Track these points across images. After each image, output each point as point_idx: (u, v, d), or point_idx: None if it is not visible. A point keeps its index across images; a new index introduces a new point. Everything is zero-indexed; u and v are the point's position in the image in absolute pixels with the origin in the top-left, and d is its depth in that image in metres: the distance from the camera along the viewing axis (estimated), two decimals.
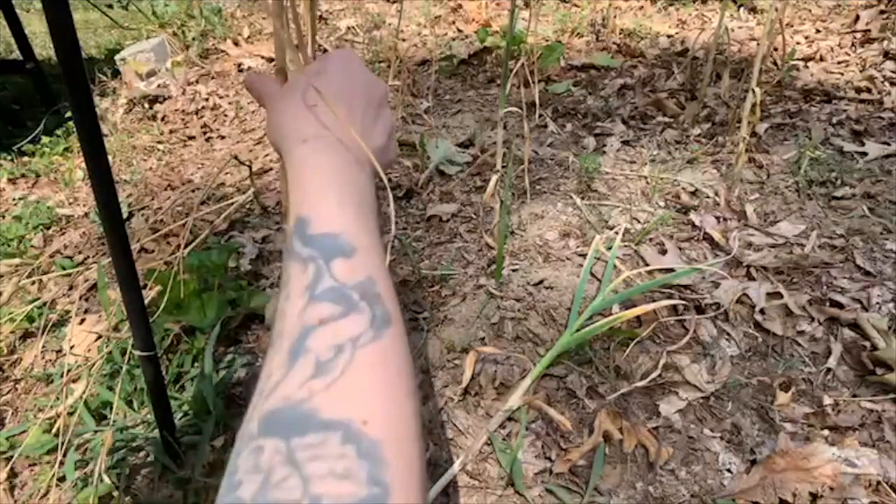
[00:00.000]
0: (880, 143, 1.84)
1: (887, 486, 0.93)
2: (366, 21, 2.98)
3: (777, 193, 1.65)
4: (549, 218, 1.59)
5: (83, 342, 1.28)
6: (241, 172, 1.84)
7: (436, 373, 1.16)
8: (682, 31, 2.86)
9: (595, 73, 2.44)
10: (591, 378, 1.13)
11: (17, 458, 1.04)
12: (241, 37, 2.75)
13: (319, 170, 0.40)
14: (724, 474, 0.98)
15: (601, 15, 2.90)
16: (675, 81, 2.31)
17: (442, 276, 1.38)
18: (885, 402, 1.07)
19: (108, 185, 0.72)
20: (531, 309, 1.29)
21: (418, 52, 2.65)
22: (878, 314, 1.22)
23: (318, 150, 0.41)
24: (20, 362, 1.27)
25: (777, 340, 1.20)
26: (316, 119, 0.43)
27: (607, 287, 1.22)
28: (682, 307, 1.26)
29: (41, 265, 1.52)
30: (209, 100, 2.30)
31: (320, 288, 0.34)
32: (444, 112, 2.19)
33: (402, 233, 1.55)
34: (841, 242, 1.45)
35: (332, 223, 0.37)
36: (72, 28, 0.60)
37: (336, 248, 0.36)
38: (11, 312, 1.34)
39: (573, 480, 0.97)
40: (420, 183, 1.73)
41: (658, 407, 1.08)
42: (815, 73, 2.35)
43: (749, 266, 1.37)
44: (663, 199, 1.65)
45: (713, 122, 2.00)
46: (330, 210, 0.38)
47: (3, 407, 1.17)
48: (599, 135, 1.98)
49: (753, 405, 1.08)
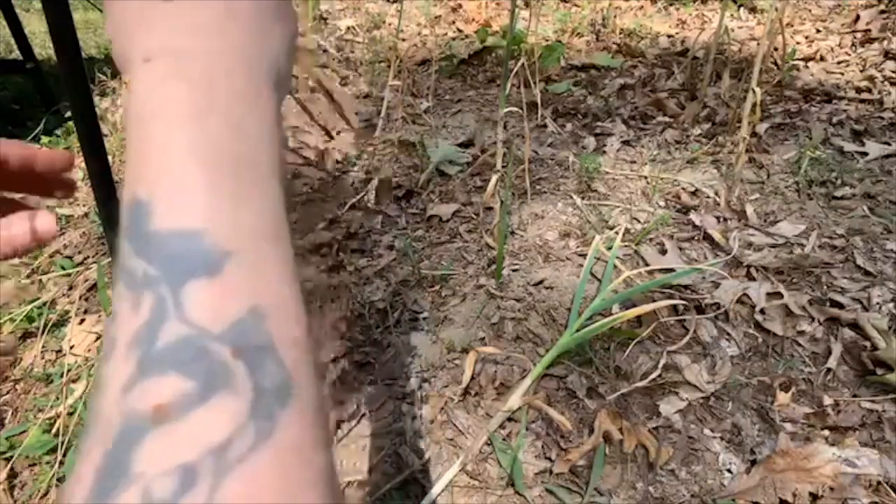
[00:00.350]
0: (880, 143, 1.84)
1: (887, 486, 0.93)
2: (366, 21, 2.98)
3: (777, 193, 1.65)
4: (549, 218, 1.59)
5: (83, 342, 1.28)
6: None
7: (436, 373, 1.16)
8: (682, 31, 2.86)
9: (595, 73, 2.44)
10: (591, 378, 1.13)
11: (17, 458, 1.04)
12: None
13: (172, 111, 0.23)
14: (724, 474, 0.98)
15: (601, 15, 2.89)
16: (675, 81, 2.31)
17: (442, 276, 1.38)
18: (885, 402, 1.07)
19: (108, 185, 0.72)
20: (531, 309, 1.29)
21: (418, 52, 2.65)
22: (878, 314, 1.22)
23: (172, 74, 0.23)
24: (20, 362, 1.27)
25: (777, 340, 1.20)
26: (173, 16, 0.24)
27: (607, 287, 1.22)
28: (682, 307, 1.26)
29: (41, 265, 1.52)
30: None
31: (161, 340, 0.19)
32: (444, 112, 2.19)
33: (402, 233, 1.55)
34: (841, 242, 1.45)
35: (190, 212, 0.21)
36: (72, 28, 0.60)
37: (194, 260, 0.20)
38: (11, 312, 1.34)
39: (573, 480, 0.97)
40: (420, 183, 1.73)
41: (658, 407, 1.08)
42: (816, 73, 2.35)
43: (749, 266, 1.37)
44: (663, 199, 1.65)
45: (713, 122, 2.00)
46: (186, 186, 0.21)
47: (3, 407, 1.17)
48: (599, 135, 1.98)
49: (753, 405, 1.08)
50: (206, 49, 0.24)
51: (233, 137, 0.23)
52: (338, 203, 1.67)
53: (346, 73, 2.44)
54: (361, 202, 1.67)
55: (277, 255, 0.23)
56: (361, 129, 2.06)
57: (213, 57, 0.24)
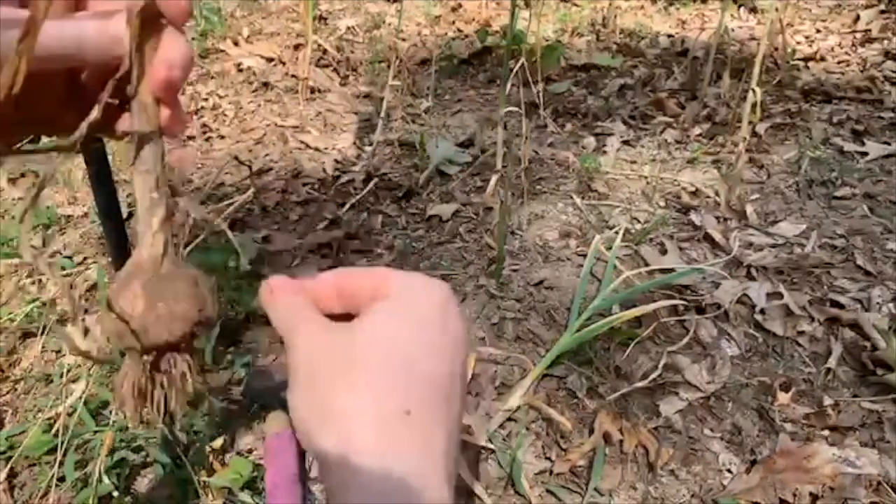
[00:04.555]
0: (881, 142, 1.84)
1: (887, 486, 0.93)
2: (366, 21, 2.98)
3: (777, 193, 1.65)
4: (549, 218, 1.59)
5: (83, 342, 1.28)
6: (241, 172, 1.84)
7: None
8: (682, 31, 2.86)
9: (595, 73, 2.44)
10: (591, 378, 1.13)
11: (16, 458, 1.04)
12: (241, 37, 2.74)
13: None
14: (724, 474, 0.98)
15: (601, 15, 2.89)
16: (675, 81, 2.31)
17: (442, 277, 1.38)
18: (886, 403, 1.07)
19: (108, 185, 0.72)
20: (531, 309, 1.29)
21: (418, 52, 2.65)
22: (878, 314, 1.22)
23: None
24: (20, 362, 1.27)
25: (777, 341, 1.20)
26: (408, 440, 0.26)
27: (607, 287, 1.22)
28: (682, 307, 1.26)
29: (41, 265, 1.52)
30: (209, 99, 2.30)
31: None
32: (444, 112, 2.19)
33: (402, 233, 1.55)
34: (841, 242, 1.45)
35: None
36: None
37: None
38: (11, 312, 1.34)
39: (573, 480, 0.97)
40: (420, 183, 1.73)
41: (658, 407, 1.08)
42: (816, 73, 2.35)
43: (749, 266, 1.37)
44: (663, 199, 1.65)
45: (713, 121, 2.00)
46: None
47: (3, 407, 1.17)
48: (599, 135, 1.98)
49: (753, 405, 1.08)
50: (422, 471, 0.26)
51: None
52: (338, 203, 1.67)
53: (346, 73, 2.44)
54: (361, 202, 1.67)
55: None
56: (361, 129, 2.06)
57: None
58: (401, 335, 0.28)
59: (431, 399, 0.27)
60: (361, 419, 0.26)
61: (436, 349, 0.28)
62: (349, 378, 0.27)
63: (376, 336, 0.28)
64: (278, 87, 2.30)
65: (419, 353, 0.28)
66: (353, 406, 0.26)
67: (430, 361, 0.28)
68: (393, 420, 0.26)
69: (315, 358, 0.28)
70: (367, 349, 0.27)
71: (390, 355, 0.27)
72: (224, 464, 0.99)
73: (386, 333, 0.28)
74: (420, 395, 0.27)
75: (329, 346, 0.28)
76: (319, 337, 0.29)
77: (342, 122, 2.12)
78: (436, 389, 0.28)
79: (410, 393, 0.27)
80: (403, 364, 0.27)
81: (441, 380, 0.28)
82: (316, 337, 0.29)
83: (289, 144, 1.98)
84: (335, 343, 0.28)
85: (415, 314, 0.29)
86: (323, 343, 0.28)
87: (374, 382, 0.27)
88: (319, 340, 0.29)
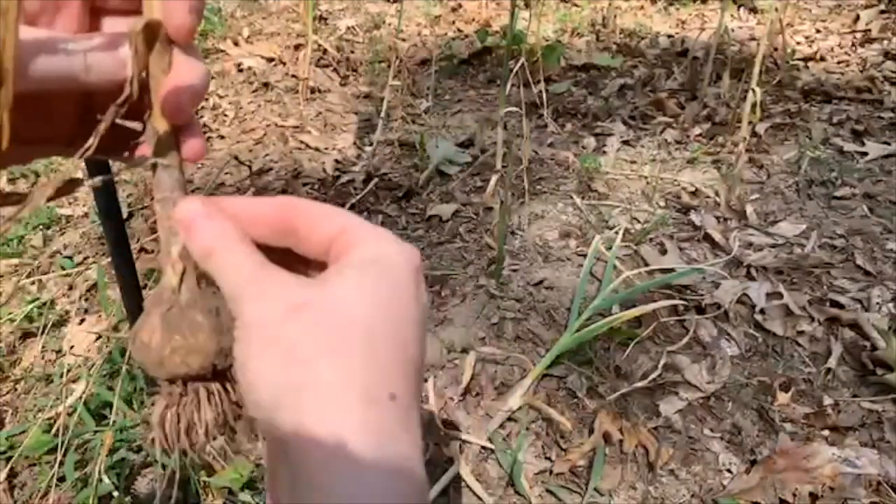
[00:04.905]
0: (880, 143, 1.84)
1: (887, 486, 0.93)
2: (366, 21, 2.98)
3: (777, 193, 1.65)
4: (549, 218, 1.59)
5: (83, 342, 1.28)
6: (241, 172, 1.84)
7: (436, 373, 1.16)
8: (682, 31, 2.86)
9: (595, 73, 2.44)
10: (591, 378, 1.13)
11: (17, 458, 1.04)
12: (241, 37, 2.75)
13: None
14: (724, 474, 0.98)
15: (601, 15, 2.90)
16: (675, 81, 2.31)
17: (442, 276, 1.38)
18: (886, 403, 1.07)
19: (108, 185, 0.72)
20: (531, 309, 1.29)
21: (418, 52, 2.65)
22: (878, 314, 1.22)
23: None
24: (20, 362, 1.27)
25: (777, 340, 1.20)
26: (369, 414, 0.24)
27: (607, 287, 1.22)
28: (682, 307, 1.26)
29: (41, 265, 1.52)
30: (209, 100, 2.30)
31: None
32: (444, 112, 2.19)
33: (402, 233, 1.55)
34: (841, 242, 1.45)
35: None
36: None
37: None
38: (11, 312, 1.34)
39: (573, 480, 0.97)
40: (420, 183, 1.73)
41: (658, 407, 1.08)
42: (816, 73, 2.35)
43: (749, 266, 1.37)
44: (663, 199, 1.65)
45: (713, 122, 2.00)
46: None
47: (3, 407, 1.17)
48: (599, 135, 1.98)
49: (753, 405, 1.08)
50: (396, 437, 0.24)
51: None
52: (338, 203, 1.67)
53: (346, 73, 2.44)
54: (361, 202, 1.67)
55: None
56: (361, 128, 2.06)
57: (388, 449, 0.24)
58: (390, 310, 0.26)
59: (415, 380, 0.26)
60: (350, 403, 0.23)
61: (418, 326, 0.27)
62: (337, 356, 0.24)
63: (354, 301, 0.25)
64: (278, 87, 2.30)
65: (408, 334, 0.26)
66: (340, 386, 0.24)
67: (416, 342, 0.26)
68: (382, 404, 0.24)
69: (287, 326, 0.24)
70: (353, 321, 0.25)
71: (379, 332, 0.25)
72: (224, 464, 0.99)
73: (374, 304, 0.25)
74: (406, 378, 0.25)
75: (306, 313, 0.24)
76: (286, 299, 0.25)
77: (342, 122, 2.12)
78: (417, 371, 0.26)
79: (398, 375, 0.25)
80: (394, 344, 0.25)
81: (420, 358, 0.27)
82: (281, 299, 0.25)
83: (289, 144, 1.98)
84: (313, 309, 0.25)
85: (398, 286, 0.26)
86: (295, 308, 0.24)
87: (363, 364, 0.24)
88: (287, 303, 0.25)
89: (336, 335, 0.24)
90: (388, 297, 0.26)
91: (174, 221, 0.27)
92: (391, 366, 0.25)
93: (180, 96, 0.25)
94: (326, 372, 0.24)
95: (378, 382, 0.24)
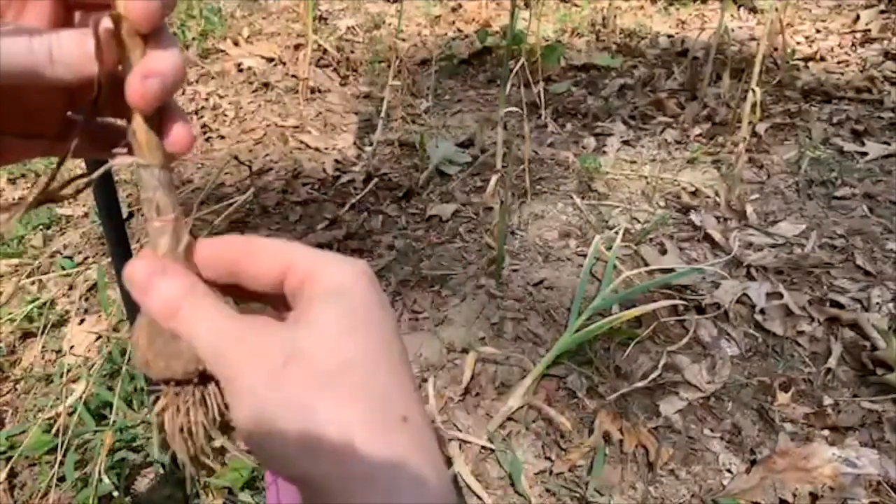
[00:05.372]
0: (880, 143, 1.84)
1: (887, 486, 0.93)
2: (366, 21, 2.98)
3: (777, 193, 1.65)
4: (549, 218, 1.59)
5: (83, 342, 1.28)
6: (241, 172, 1.84)
7: (436, 373, 1.16)
8: (682, 31, 2.86)
9: (595, 73, 2.44)
10: (591, 378, 1.13)
11: (17, 458, 1.04)
12: (241, 37, 2.75)
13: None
14: (724, 474, 0.98)
15: (601, 15, 2.90)
16: (675, 81, 2.31)
17: (442, 276, 1.38)
18: (885, 402, 1.07)
19: (108, 185, 0.72)
20: (531, 309, 1.29)
21: (418, 52, 2.65)
22: (878, 314, 1.22)
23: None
24: (20, 362, 1.27)
25: (777, 340, 1.20)
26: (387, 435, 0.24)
27: (607, 287, 1.22)
28: (682, 307, 1.26)
29: (41, 265, 1.52)
30: (209, 100, 2.30)
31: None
32: (444, 112, 2.19)
33: (401, 233, 1.55)
34: (841, 242, 1.45)
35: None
36: None
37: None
38: (11, 312, 1.34)
39: (573, 480, 0.97)
40: (420, 183, 1.73)
41: (658, 407, 1.08)
42: (816, 73, 2.35)
43: (749, 266, 1.37)
44: (663, 199, 1.65)
45: (713, 122, 2.00)
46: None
47: (3, 407, 1.17)
48: (599, 135, 1.98)
49: (753, 405, 1.08)
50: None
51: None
52: (338, 203, 1.67)
53: (346, 73, 2.44)
54: (361, 202, 1.67)
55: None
56: (361, 128, 2.06)
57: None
58: (371, 336, 0.26)
59: (417, 396, 0.26)
60: (361, 436, 0.23)
61: (397, 337, 0.27)
62: (334, 392, 0.24)
63: (342, 340, 0.25)
64: (278, 87, 2.30)
65: (394, 351, 0.26)
66: (347, 422, 0.23)
67: (402, 354, 0.26)
68: (395, 430, 0.24)
69: (286, 382, 0.24)
70: (348, 360, 0.24)
71: (372, 362, 0.25)
72: (224, 464, 0.99)
73: (358, 337, 0.25)
74: (409, 396, 0.26)
75: (301, 362, 0.24)
76: (276, 354, 0.24)
77: (342, 122, 2.12)
78: (411, 380, 0.26)
79: (404, 397, 0.25)
80: (388, 368, 0.25)
81: (408, 366, 0.27)
82: (271, 355, 0.24)
83: (289, 144, 1.98)
84: (306, 357, 0.24)
85: (369, 309, 0.26)
86: (288, 361, 0.24)
87: (368, 397, 0.24)
88: (279, 358, 0.24)
89: (337, 378, 0.24)
90: (365, 324, 0.26)
91: (159, 222, 0.26)
92: (394, 391, 0.25)
93: (145, 84, 0.24)
94: (335, 414, 0.24)
95: (387, 410, 0.24)
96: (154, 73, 0.24)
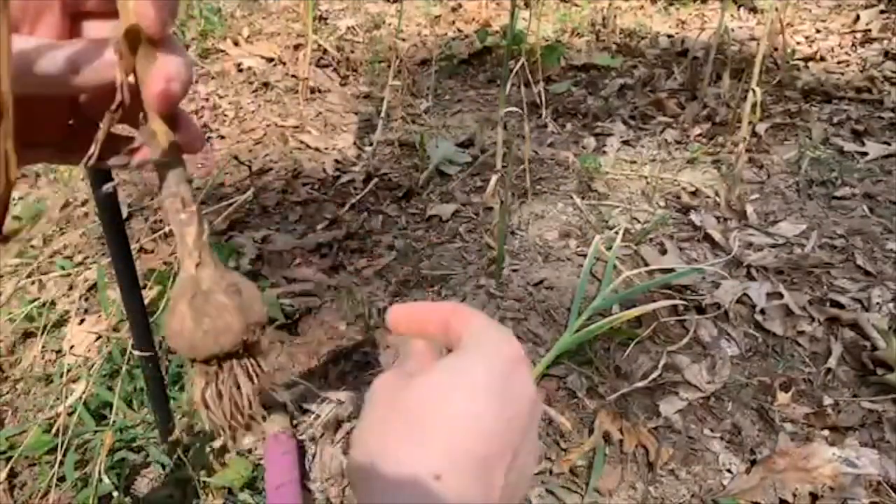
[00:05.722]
0: (880, 143, 1.84)
1: (887, 486, 0.93)
2: (366, 21, 2.98)
3: (777, 193, 1.65)
4: (549, 218, 1.59)
5: (83, 342, 1.28)
6: (241, 172, 1.84)
7: None
8: (682, 31, 2.86)
9: (595, 73, 2.44)
10: (591, 378, 1.13)
11: (17, 458, 1.04)
12: (241, 37, 2.75)
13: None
14: (724, 474, 0.98)
15: (601, 15, 2.89)
16: (675, 81, 2.31)
17: (442, 276, 1.38)
18: (886, 402, 1.07)
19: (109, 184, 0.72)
20: (531, 309, 1.29)
21: (418, 52, 2.65)
22: (878, 314, 1.22)
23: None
24: (20, 362, 1.27)
25: (777, 340, 1.20)
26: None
27: (607, 287, 1.22)
28: (682, 307, 1.26)
29: (41, 265, 1.52)
30: (209, 100, 2.30)
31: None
32: (444, 112, 2.19)
33: (401, 233, 1.55)
34: (841, 242, 1.45)
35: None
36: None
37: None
38: (11, 312, 1.34)
39: (573, 480, 0.97)
40: (420, 183, 1.73)
41: (658, 407, 1.08)
42: (816, 73, 2.35)
43: (749, 266, 1.37)
44: (663, 199, 1.65)
45: (713, 122, 2.00)
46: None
47: (3, 407, 1.17)
48: (599, 135, 1.98)
49: (753, 405, 1.08)
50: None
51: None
52: (338, 203, 1.67)
53: (346, 73, 2.44)
54: (361, 202, 1.67)
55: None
56: (361, 128, 2.06)
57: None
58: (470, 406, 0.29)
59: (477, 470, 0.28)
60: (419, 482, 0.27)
61: (515, 431, 0.29)
62: (420, 437, 0.28)
63: (438, 400, 0.29)
64: (278, 87, 2.30)
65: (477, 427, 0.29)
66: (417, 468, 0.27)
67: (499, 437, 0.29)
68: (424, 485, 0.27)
69: (389, 409, 0.30)
70: (428, 413, 0.29)
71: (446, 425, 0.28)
72: (224, 464, 0.99)
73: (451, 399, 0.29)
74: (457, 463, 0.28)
75: (403, 401, 0.30)
76: (395, 390, 0.31)
77: (342, 122, 2.12)
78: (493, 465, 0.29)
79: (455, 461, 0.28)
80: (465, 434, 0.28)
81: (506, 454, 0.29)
82: (391, 390, 0.32)
83: (289, 144, 1.98)
84: (408, 399, 0.30)
85: (481, 381, 0.29)
86: (396, 396, 0.31)
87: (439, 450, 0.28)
88: (394, 393, 0.31)
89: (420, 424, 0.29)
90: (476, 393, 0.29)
91: (186, 213, 0.28)
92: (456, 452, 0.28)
93: (169, 87, 0.26)
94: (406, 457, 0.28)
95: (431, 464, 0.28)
96: (170, 73, 0.26)
